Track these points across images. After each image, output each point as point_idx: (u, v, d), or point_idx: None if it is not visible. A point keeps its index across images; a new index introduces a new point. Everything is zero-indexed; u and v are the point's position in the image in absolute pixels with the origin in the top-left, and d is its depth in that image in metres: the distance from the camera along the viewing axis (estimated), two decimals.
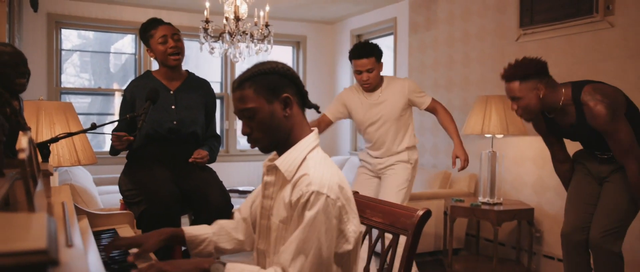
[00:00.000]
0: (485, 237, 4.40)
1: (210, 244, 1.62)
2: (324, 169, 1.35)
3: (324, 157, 1.43)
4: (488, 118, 3.85)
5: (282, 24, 6.48)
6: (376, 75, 3.27)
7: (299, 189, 1.32)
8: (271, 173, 1.47)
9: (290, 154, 1.41)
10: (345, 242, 1.36)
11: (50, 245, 0.61)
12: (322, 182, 1.31)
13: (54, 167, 2.30)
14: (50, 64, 5.52)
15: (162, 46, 2.53)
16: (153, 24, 2.61)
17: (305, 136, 1.45)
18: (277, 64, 1.43)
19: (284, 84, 1.41)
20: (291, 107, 1.41)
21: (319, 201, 1.29)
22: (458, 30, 4.73)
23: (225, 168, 6.20)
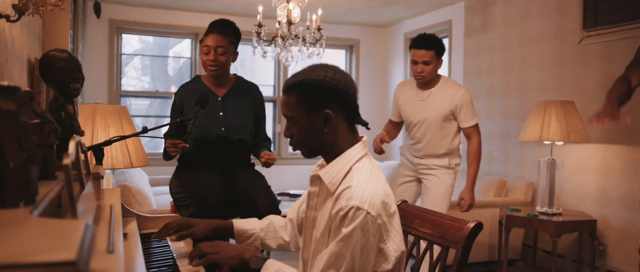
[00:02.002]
0: (543, 249, 4.22)
1: (257, 240, 1.62)
2: (368, 183, 1.29)
3: (370, 168, 1.35)
4: (547, 124, 3.68)
5: (335, 28, 6.47)
6: (432, 69, 3.14)
7: (340, 203, 1.27)
8: (315, 183, 1.43)
9: (334, 165, 1.36)
10: (384, 261, 1.28)
11: (81, 256, 0.60)
12: (364, 197, 1.25)
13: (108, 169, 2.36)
14: (111, 68, 5.73)
15: (204, 56, 2.56)
16: (209, 29, 2.62)
17: (351, 146, 1.38)
18: (326, 73, 1.34)
19: (328, 99, 1.33)
20: (331, 124, 1.34)
21: (358, 217, 1.23)
22: (516, 33, 4.56)
23: (277, 171, 6.24)
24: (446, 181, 3.22)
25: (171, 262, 1.51)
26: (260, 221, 1.68)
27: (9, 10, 1.84)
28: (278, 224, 1.66)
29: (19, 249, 0.61)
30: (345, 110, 1.36)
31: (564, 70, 4.09)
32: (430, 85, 3.23)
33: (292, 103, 1.35)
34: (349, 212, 1.23)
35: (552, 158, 3.75)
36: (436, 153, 3.24)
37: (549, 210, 3.69)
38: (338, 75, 1.34)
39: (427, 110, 3.20)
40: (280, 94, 6.42)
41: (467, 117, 3.17)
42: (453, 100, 3.16)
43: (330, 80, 1.32)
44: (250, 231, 1.62)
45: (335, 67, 1.37)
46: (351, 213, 1.23)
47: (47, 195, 1.03)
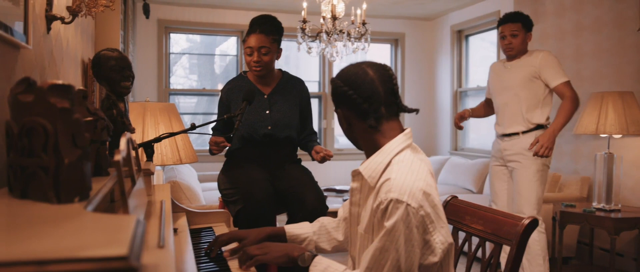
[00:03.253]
0: (600, 247, 4.05)
1: (310, 244, 1.60)
2: (408, 174, 1.25)
3: (411, 159, 1.31)
4: (604, 116, 3.52)
5: (380, 22, 6.40)
6: (520, 41, 3.20)
7: (379, 196, 1.25)
8: (356, 179, 1.40)
9: (374, 158, 1.34)
10: (430, 253, 1.25)
11: (133, 251, 0.60)
12: (403, 188, 1.22)
13: (158, 165, 2.41)
14: (160, 66, 5.87)
15: (247, 57, 2.56)
16: (250, 28, 2.59)
17: (391, 139, 1.35)
18: (340, 74, 1.38)
19: (337, 101, 1.39)
20: (345, 122, 1.39)
21: (398, 209, 1.20)
22: (569, 23, 4.38)
23: (323, 167, 6.24)
24: (531, 167, 3.11)
25: (220, 256, 1.52)
26: (311, 224, 1.65)
27: (64, 13, 1.90)
28: (330, 225, 1.63)
29: (74, 243, 0.62)
30: (354, 112, 1.35)
31: (622, 60, 3.91)
32: (518, 57, 3.26)
33: (333, 101, 1.43)
34: (388, 205, 1.21)
35: (609, 152, 3.59)
36: (519, 127, 3.16)
37: (607, 206, 3.54)
38: (351, 76, 1.35)
39: (511, 78, 3.22)
40: (326, 90, 6.44)
41: (554, 75, 3.11)
42: (534, 62, 3.16)
43: (335, 82, 1.38)
44: (303, 235, 1.60)
45: (362, 65, 1.37)
46: (391, 206, 1.21)
47: (100, 191, 1.05)
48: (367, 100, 1.33)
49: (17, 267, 0.54)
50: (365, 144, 1.39)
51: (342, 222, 1.62)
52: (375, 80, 1.33)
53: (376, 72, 1.34)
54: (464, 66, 6.31)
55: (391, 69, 1.38)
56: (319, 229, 1.63)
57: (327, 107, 6.50)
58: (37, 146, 0.91)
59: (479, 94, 6.15)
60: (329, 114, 6.50)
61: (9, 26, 1.28)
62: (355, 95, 1.33)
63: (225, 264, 1.44)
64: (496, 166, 3.35)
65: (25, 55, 1.50)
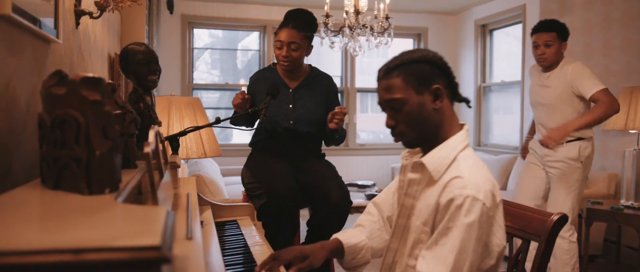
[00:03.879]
0: (627, 245, 3.97)
1: (366, 249, 1.52)
2: (478, 173, 1.24)
3: (476, 158, 1.30)
4: (633, 112, 3.45)
5: (403, 16, 6.36)
6: (554, 51, 3.03)
7: (451, 192, 1.21)
8: (416, 170, 1.33)
9: (439, 151, 1.30)
10: (488, 256, 1.22)
11: (165, 241, 0.61)
12: (478, 187, 1.20)
13: (183, 159, 2.43)
14: (184, 61, 5.92)
15: (277, 50, 2.54)
16: (284, 21, 2.57)
17: (455, 132, 1.33)
18: (428, 52, 1.33)
19: (435, 74, 1.30)
20: (441, 100, 1.30)
21: (475, 207, 1.17)
22: (597, 16, 4.29)
23: (344, 162, 6.24)
24: (572, 176, 3.01)
25: (245, 249, 1.53)
26: (356, 229, 1.56)
27: (92, 8, 1.93)
28: (375, 227, 1.56)
29: (107, 233, 0.63)
30: (449, 88, 1.33)
31: None
32: (552, 68, 3.11)
33: (397, 84, 1.30)
34: (465, 201, 1.18)
35: (638, 148, 3.51)
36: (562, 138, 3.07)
37: (635, 203, 3.46)
38: (437, 55, 1.34)
39: (548, 94, 3.08)
40: (348, 85, 6.42)
41: (588, 86, 2.94)
42: (566, 76, 3.02)
43: (433, 56, 1.32)
44: (361, 243, 1.51)
45: (426, 49, 1.37)
46: (468, 203, 1.18)
47: (129, 183, 1.07)
48: (454, 78, 1.35)
49: (54, 255, 0.55)
50: (433, 133, 1.32)
51: (386, 221, 1.56)
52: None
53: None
54: (488, 61, 6.23)
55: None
56: (370, 233, 1.54)
57: (349, 101, 6.48)
58: (69, 137, 0.93)
59: (503, 89, 6.07)
60: (351, 108, 6.49)
61: (41, 20, 1.30)
62: (451, 70, 1.34)
63: (250, 256, 1.45)
64: (533, 164, 3.26)
65: (56, 49, 1.53)
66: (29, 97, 1.30)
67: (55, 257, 0.55)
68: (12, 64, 1.17)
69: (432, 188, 1.28)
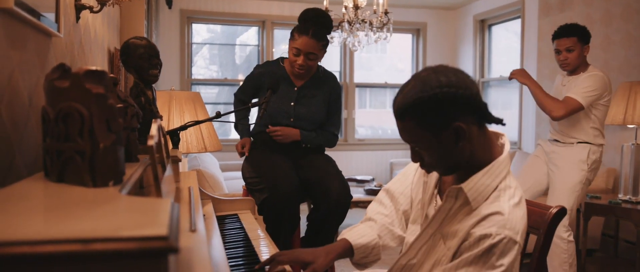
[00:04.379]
0: (625, 239, 3.99)
1: (377, 248, 1.45)
2: (517, 209, 1.19)
3: (516, 187, 1.23)
4: (632, 107, 3.46)
5: (402, 11, 6.36)
6: (576, 56, 3.01)
7: (489, 228, 1.15)
8: (453, 195, 1.23)
9: (481, 179, 1.20)
10: None
11: (172, 232, 0.61)
12: (516, 227, 1.15)
13: (183, 153, 2.44)
14: (182, 56, 5.92)
15: (293, 57, 2.49)
16: (301, 28, 2.47)
17: (495, 154, 1.24)
18: (440, 81, 1.13)
19: (454, 110, 1.14)
20: (464, 137, 1.16)
21: (512, 250, 1.14)
22: (598, 11, 4.30)
23: (343, 157, 6.25)
24: (576, 177, 3.01)
25: (246, 243, 1.54)
26: (368, 226, 1.49)
27: (92, 2, 1.93)
28: (386, 221, 1.48)
29: (115, 224, 0.64)
30: (475, 115, 1.18)
31: None
32: (576, 73, 3.08)
33: (411, 129, 1.17)
34: (501, 242, 1.13)
35: (637, 143, 3.52)
36: (572, 140, 3.06)
37: (633, 198, 3.48)
38: (453, 78, 1.14)
39: (563, 94, 3.05)
40: (347, 80, 6.43)
41: (576, 91, 2.94)
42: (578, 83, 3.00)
43: (448, 90, 1.13)
44: (371, 242, 1.43)
45: (443, 68, 1.18)
46: (503, 244, 1.13)
47: (133, 176, 1.07)
48: (481, 99, 1.18)
49: (62, 245, 0.55)
50: (465, 164, 1.22)
51: (402, 215, 1.48)
52: (469, 78, 1.19)
53: (461, 71, 1.20)
54: (487, 56, 6.24)
55: None
56: (379, 230, 1.47)
57: (348, 96, 6.49)
58: (73, 130, 0.93)
59: (502, 85, 6.08)
60: (349, 103, 6.49)
61: (42, 14, 1.31)
62: (474, 96, 1.16)
63: (252, 249, 1.46)
64: (537, 158, 3.26)
65: (57, 43, 1.53)
66: (31, 90, 1.30)
67: (64, 247, 0.56)
68: (14, 57, 1.18)
69: (468, 216, 1.21)
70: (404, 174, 1.51)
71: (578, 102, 2.92)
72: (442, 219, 1.26)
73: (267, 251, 1.48)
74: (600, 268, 3.66)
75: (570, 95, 2.94)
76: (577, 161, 3.01)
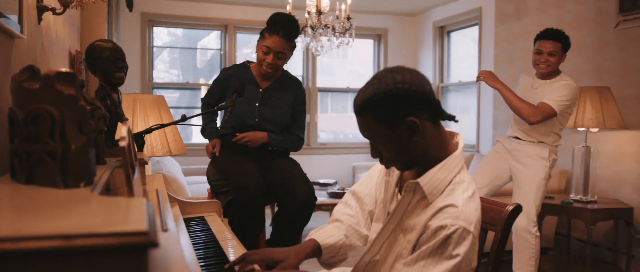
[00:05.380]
0: (577, 237, 4.16)
1: (344, 248, 1.49)
2: (471, 201, 1.24)
3: (470, 181, 1.29)
4: (582, 111, 3.62)
5: (364, 17, 6.45)
6: (556, 61, 3.11)
7: (444, 219, 1.20)
8: (408, 191, 1.29)
9: (436, 174, 1.26)
10: None
11: (151, 227, 0.63)
12: (470, 218, 1.21)
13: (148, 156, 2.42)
14: (143, 60, 5.84)
15: (262, 54, 2.56)
16: (272, 28, 2.56)
17: (449, 151, 1.31)
18: (395, 79, 1.21)
19: (409, 105, 1.21)
20: (418, 132, 1.23)
21: (466, 239, 1.19)
22: (551, 19, 4.48)
23: (306, 161, 6.26)
24: (541, 173, 3.12)
25: (215, 243, 1.55)
26: (335, 226, 1.52)
27: (54, 3, 1.91)
28: (352, 222, 1.52)
29: (94, 221, 0.65)
30: (428, 111, 1.25)
31: (602, 56, 4.01)
32: (548, 78, 3.18)
33: (370, 124, 1.24)
34: (456, 232, 1.18)
35: (586, 145, 3.69)
36: (533, 139, 3.17)
37: (584, 198, 3.64)
38: (408, 76, 1.22)
39: (535, 98, 3.13)
40: (309, 84, 6.47)
41: (550, 96, 3.03)
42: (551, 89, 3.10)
43: (402, 86, 1.20)
44: (339, 242, 1.47)
45: (399, 68, 1.26)
46: (458, 234, 1.18)
47: (102, 177, 1.08)
48: (434, 97, 1.26)
49: (44, 241, 0.57)
50: (420, 159, 1.29)
51: (367, 215, 1.53)
52: (425, 78, 1.27)
53: (418, 71, 1.28)
54: (446, 62, 6.40)
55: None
56: (346, 229, 1.51)
57: (310, 101, 6.53)
58: (43, 132, 0.93)
59: (461, 89, 6.24)
60: (312, 107, 6.54)
61: (6, 16, 1.29)
62: (428, 93, 1.23)
63: (221, 250, 1.47)
64: (498, 153, 3.35)
65: (20, 45, 1.51)
66: None
67: (46, 243, 0.57)
68: None
69: (425, 209, 1.27)
70: (369, 176, 1.56)
71: (553, 110, 3.02)
72: (402, 214, 1.31)
73: (235, 251, 1.49)
74: (554, 266, 3.81)
75: (546, 101, 3.03)
76: (540, 158, 3.14)
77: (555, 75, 3.18)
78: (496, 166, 3.30)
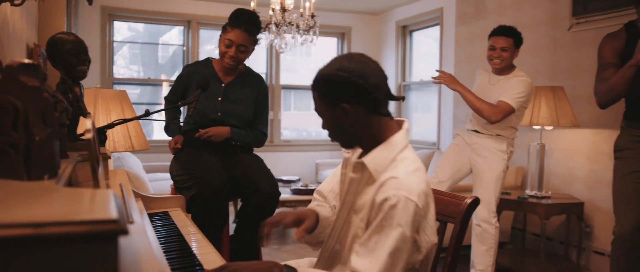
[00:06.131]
0: (532, 232, 4.31)
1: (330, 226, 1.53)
2: (414, 174, 1.29)
3: (414, 159, 1.34)
4: (537, 110, 3.75)
5: (328, 15, 6.49)
6: (509, 56, 3.24)
7: (386, 191, 1.25)
8: (357, 171, 1.37)
9: (380, 152, 1.33)
10: (416, 251, 1.30)
11: (120, 216, 0.65)
12: (412, 188, 1.25)
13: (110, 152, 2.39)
14: (103, 55, 5.72)
15: (224, 47, 2.59)
16: (233, 21, 2.60)
17: (392, 132, 1.36)
18: (340, 65, 1.30)
19: (345, 92, 1.30)
20: (350, 118, 1.31)
21: (408, 208, 1.23)
22: (509, 20, 4.60)
23: (270, 158, 6.26)
24: (500, 166, 3.24)
25: (179, 237, 1.55)
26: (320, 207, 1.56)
27: None
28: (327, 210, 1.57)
29: (63, 210, 0.66)
30: (364, 102, 1.31)
31: (556, 57, 4.17)
32: (503, 73, 3.30)
33: (316, 99, 1.37)
34: (399, 202, 1.22)
35: (541, 142, 3.83)
36: (491, 132, 3.27)
37: (539, 193, 3.78)
38: (354, 66, 1.30)
39: (494, 94, 3.24)
40: (273, 81, 6.47)
41: (507, 94, 3.14)
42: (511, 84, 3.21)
43: (342, 73, 1.29)
44: (331, 218, 1.53)
45: (356, 56, 1.33)
46: (402, 204, 1.22)
47: (65, 170, 1.07)
48: (376, 89, 1.31)
49: (13, 229, 0.57)
50: (367, 140, 1.37)
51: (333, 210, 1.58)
52: (376, 70, 1.33)
53: (373, 62, 1.35)
54: (408, 60, 6.50)
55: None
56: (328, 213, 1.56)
57: (273, 98, 6.53)
58: (5, 124, 0.92)
59: (422, 88, 6.36)
60: (275, 105, 6.54)
61: None
62: (366, 85, 1.30)
63: (186, 244, 1.48)
64: (457, 146, 3.44)
65: None
66: None
67: (15, 231, 0.57)
68: None
69: (371, 186, 1.32)
70: (333, 174, 1.62)
71: (512, 107, 3.13)
72: (353, 197, 1.38)
73: (199, 245, 1.50)
74: (510, 259, 3.94)
75: (504, 99, 3.13)
76: (499, 151, 3.26)
77: (510, 71, 3.31)
78: (457, 159, 3.40)
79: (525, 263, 3.87)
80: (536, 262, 3.79)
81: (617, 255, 2.62)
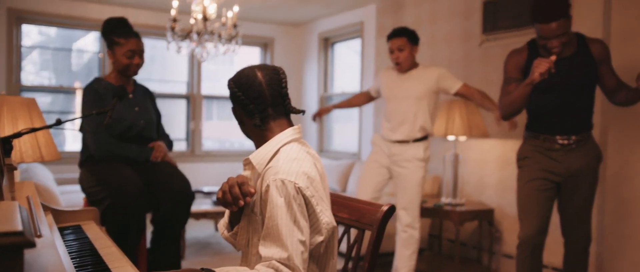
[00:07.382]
0: (447, 238, 4.50)
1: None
2: (294, 161, 1.38)
3: (298, 150, 1.44)
4: (452, 121, 3.94)
5: (251, 25, 6.48)
6: (407, 55, 3.40)
7: (266, 180, 1.35)
8: (248, 168, 1.50)
9: (263, 148, 1.45)
10: (317, 233, 1.37)
11: (26, 228, 0.62)
12: (289, 170, 1.34)
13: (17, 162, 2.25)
14: (10, 60, 5.38)
15: (128, 60, 2.58)
16: (122, 32, 2.60)
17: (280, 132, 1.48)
18: (234, 77, 1.48)
19: (232, 101, 1.49)
20: (240, 119, 1.50)
21: (287, 186, 1.32)
22: (425, 35, 4.82)
23: (190, 169, 6.13)
24: (419, 173, 3.42)
25: (93, 252, 1.49)
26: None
27: None
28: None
29: None
30: (245, 110, 1.47)
31: (468, 71, 4.40)
32: (410, 70, 3.48)
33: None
34: (276, 185, 1.32)
35: (456, 152, 4.02)
36: (411, 135, 3.40)
37: (453, 201, 3.96)
38: (244, 80, 1.46)
39: (408, 87, 3.42)
40: (194, 91, 6.36)
41: (453, 82, 3.41)
42: (433, 75, 3.42)
43: (231, 83, 1.48)
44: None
45: (257, 68, 1.48)
46: (280, 185, 1.32)
47: None
48: (253, 101, 1.45)
49: None
50: (256, 139, 1.51)
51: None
52: (262, 83, 1.45)
53: (265, 75, 1.46)
54: (330, 72, 6.62)
55: (283, 72, 1.50)
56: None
57: (195, 108, 6.42)
58: None
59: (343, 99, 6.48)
60: (197, 115, 6.43)
61: None
62: (243, 97, 1.45)
63: (100, 258, 1.42)
64: (376, 161, 3.56)
65: None
66: None
67: None
68: None
69: (259, 180, 1.42)
70: None
71: (466, 84, 3.45)
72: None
73: (113, 258, 1.45)
74: (428, 265, 4.09)
75: (460, 84, 3.40)
76: (417, 160, 3.43)
77: (414, 67, 3.52)
78: (375, 176, 3.55)
79: (442, 268, 4.04)
80: (452, 266, 3.96)
81: (521, 258, 2.80)
